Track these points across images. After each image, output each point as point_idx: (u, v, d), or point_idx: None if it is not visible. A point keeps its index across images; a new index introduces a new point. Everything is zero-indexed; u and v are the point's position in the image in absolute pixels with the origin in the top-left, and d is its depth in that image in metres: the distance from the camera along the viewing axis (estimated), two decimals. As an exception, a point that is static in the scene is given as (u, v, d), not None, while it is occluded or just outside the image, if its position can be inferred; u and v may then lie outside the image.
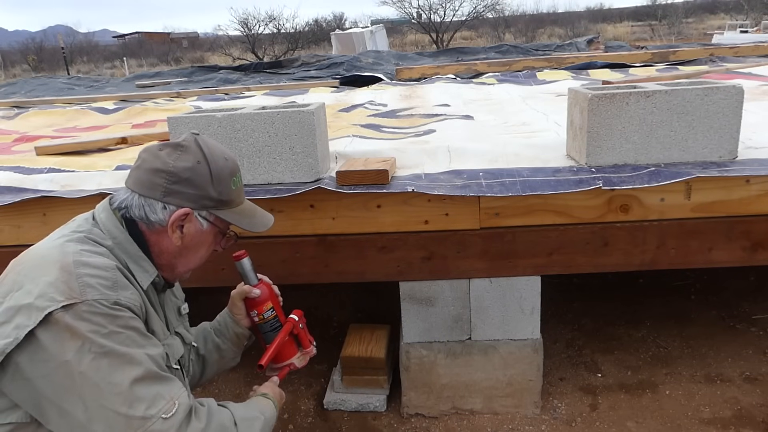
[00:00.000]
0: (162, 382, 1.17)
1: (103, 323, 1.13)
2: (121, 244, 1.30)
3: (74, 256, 1.20)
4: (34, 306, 1.12)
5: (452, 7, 32.13)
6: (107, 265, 1.22)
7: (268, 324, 1.63)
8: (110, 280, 1.19)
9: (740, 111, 2.00)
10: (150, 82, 7.32)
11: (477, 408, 2.32)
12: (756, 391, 2.37)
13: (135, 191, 1.32)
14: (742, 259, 2.08)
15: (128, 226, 1.33)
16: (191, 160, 1.32)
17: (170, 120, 2.07)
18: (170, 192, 1.31)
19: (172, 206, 1.31)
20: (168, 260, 1.37)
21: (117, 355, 1.12)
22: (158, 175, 1.30)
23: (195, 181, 1.32)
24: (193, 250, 1.39)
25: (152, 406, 1.12)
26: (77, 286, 1.14)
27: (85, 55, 39.41)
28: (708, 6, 40.26)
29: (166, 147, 1.33)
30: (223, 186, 1.36)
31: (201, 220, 1.36)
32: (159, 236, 1.34)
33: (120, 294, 1.19)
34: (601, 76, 5.06)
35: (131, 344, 1.15)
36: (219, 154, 1.37)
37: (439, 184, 2.03)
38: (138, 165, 1.34)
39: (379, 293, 3.29)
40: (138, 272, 1.31)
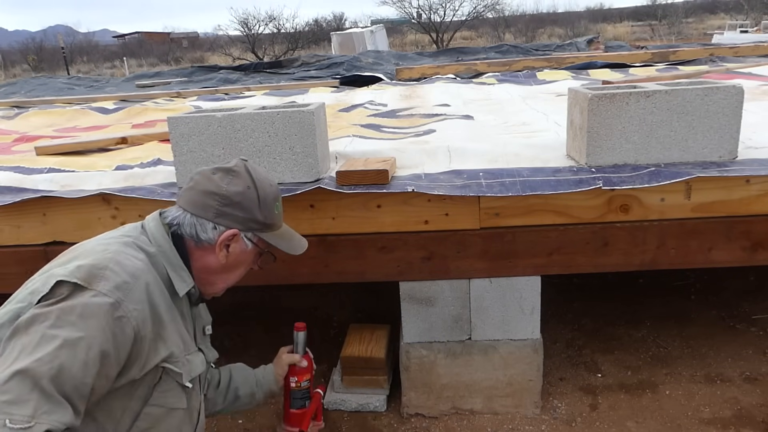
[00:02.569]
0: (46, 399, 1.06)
1: (78, 311, 1.14)
2: (164, 253, 1.38)
3: (114, 254, 1.27)
4: (53, 274, 1.20)
5: (452, 7, 32.16)
6: (137, 273, 1.26)
7: (301, 392, 1.83)
8: (129, 286, 1.23)
9: (740, 111, 2.00)
10: (150, 82, 7.32)
11: (477, 408, 2.32)
12: (756, 391, 2.37)
13: (187, 210, 1.42)
14: (742, 259, 2.08)
15: (174, 239, 1.41)
16: (242, 185, 1.43)
17: (170, 120, 2.07)
18: (221, 214, 1.41)
19: (222, 227, 1.42)
20: (208, 276, 1.47)
21: (47, 343, 1.10)
22: (211, 197, 1.41)
23: (244, 205, 1.42)
24: (234, 268, 1.49)
25: (11, 405, 1.03)
26: (97, 277, 1.19)
27: (85, 55, 39.42)
28: (708, 6, 40.25)
29: (218, 171, 1.44)
30: (268, 210, 1.47)
31: (246, 241, 1.46)
32: (204, 253, 1.43)
33: (126, 301, 1.20)
34: (601, 76, 5.06)
35: (67, 348, 1.10)
36: (265, 180, 1.49)
37: (439, 184, 2.03)
38: (191, 186, 1.45)
39: (379, 293, 3.29)
40: (177, 280, 1.38)
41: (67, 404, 1.10)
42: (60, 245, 2.18)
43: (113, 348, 1.17)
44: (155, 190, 2.11)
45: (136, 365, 1.25)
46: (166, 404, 1.36)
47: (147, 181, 2.22)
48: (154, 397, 1.32)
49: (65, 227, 2.15)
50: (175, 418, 1.39)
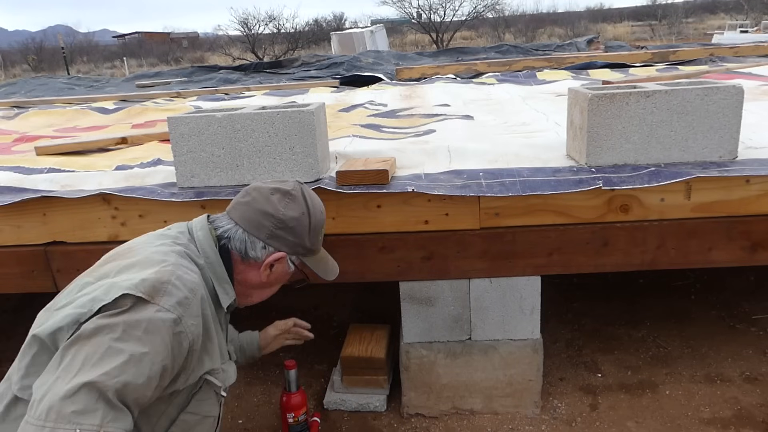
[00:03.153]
0: (111, 409, 1.10)
1: (143, 326, 1.16)
2: (212, 265, 1.42)
3: (174, 267, 1.29)
4: (117, 284, 1.22)
5: (452, 7, 32.17)
6: (195, 288, 1.29)
7: (299, 426, 1.96)
8: (189, 301, 1.25)
9: (740, 111, 2.00)
10: (150, 82, 7.32)
11: (477, 408, 2.32)
12: (756, 391, 2.37)
13: (240, 225, 1.45)
14: (742, 259, 2.08)
15: (221, 250, 1.44)
16: (298, 210, 1.48)
17: (170, 120, 2.07)
18: (274, 236, 1.46)
19: (272, 248, 1.46)
20: (246, 290, 1.51)
21: (113, 357, 1.12)
22: (267, 218, 1.45)
23: (297, 231, 1.48)
24: (271, 285, 1.55)
25: (80, 416, 1.07)
26: (160, 292, 1.22)
27: (85, 55, 39.42)
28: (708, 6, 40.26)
29: (276, 192, 1.47)
30: (315, 237, 1.54)
31: (290, 263, 1.52)
32: (248, 268, 1.47)
33: (186, 316, 1.23)
34: (601, 76, 5.06)
35: (134, 364, 1.13)
36: (318, 207, 1.55)
37: (439, 184, 2.02)
38: (247, 201, 1.47)
39: (379, 293, 3.29)
40: (221, 293, 1.43)
41: (128, 412, 1.15)
42: (60, 245, 2.18)
43: (171, 362, 1.21)
44: (155, 190, 2.11)
45: (182, 376, 1.29)
46: (201, 412, 1.40)
47: (147, 181, 2.22)
48: (191, 405, 1.36)
49: (65, 227, 2.15)
50: (206, 425, 1.44)
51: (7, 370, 1.34)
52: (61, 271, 2.18)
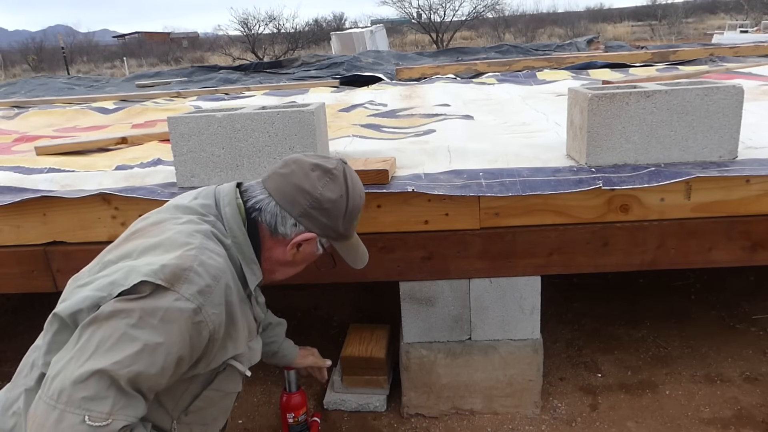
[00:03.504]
0: (122, 396, 1.10)
1: (160, 315, 1.14)
2: (239, 246, 1.36)
3: (198, 251, 1.23)
4: (137, 269, 1.18)
5: (452, 7, 32.18)
6: (218, 275, 1.24)
7: (299, 426, 1.95)
8: (211, 289, 1.21)
9: (740, 111, 2.00)
10: (150, 82, 7.32)
11: (477, 408, 2.32)
12: (756, 391, 2.37)
13: (273, 197, 1.38)
14: (742, 259, 2.08)
15: (249, 224, 1.38)
16: (337, 192, 1.39)
17: (170, 120, 2.07)
18: (307, 215, 1.38)
19: (302, 227, 1.39)
20: (272, 266, 1.45)
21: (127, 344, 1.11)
22: (303, 195, 1.37)
23: (332, 213, 1.40)
24: (297, 265, 1.49)
25: (90, 402, 1.07)
26: (181, 279, 1.17)
27: (85, 55, 39.43)
28: (708, 6, 40.26)
29: (317, 169, 1.39)
30: (349, 223, 1.46)
31: (318, 246, 1.46)
32: (275, 244, 1.41)
33: (206, 305, 1.19)
34: (601, 76, 5.06)
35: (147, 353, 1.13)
36: (358, 191, 1.46)
37: (439, 184, 2.02)
38: (285, 173, 1.39)
39: (379, 293, 3.29)
40: (248, 274, 1.38)
41: (141, 398, 1.14)
42: (60, 245, 2.18)
43: (189, 352, 1.19)
44: (155, 190, 2.11)
45: (203, 362, 1.27)
46: (225, 389, 1.40)
47: (147, 181, 2.22)
48: (214, 383, 1.36)
49: (65, 227, 2.15)
50: (229, 399, 1.45)
51: (7, 370, 1.34)
52: (61, 271, 2.18)
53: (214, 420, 1.43)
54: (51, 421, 1.05)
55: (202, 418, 1.38)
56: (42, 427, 1.05)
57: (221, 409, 1.43)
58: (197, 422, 1.37)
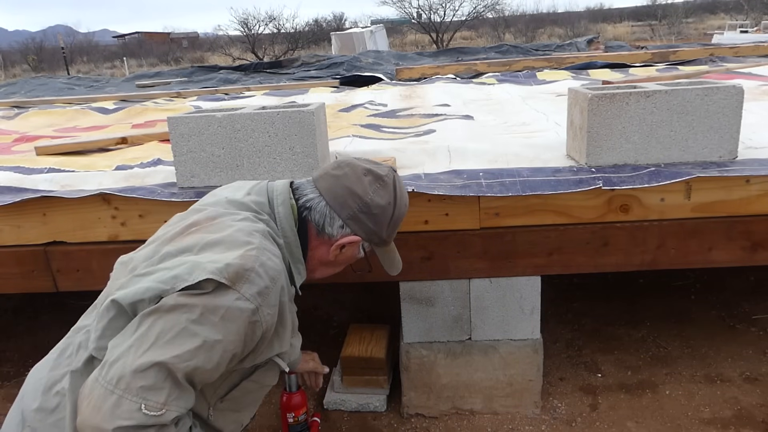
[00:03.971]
0: (176, 388, 1.14)
1: (221, 313, 1.16)
2: (290, 246, 1.39)
3: (259, 252, 1.25)
4: (201, 266, 1.19)
5: (452, 7, 32.18)
6: (276, 276, 1.26)
7: (299, 426, 1.94)
8: (269, 290, 1.24)
9: (740, 111, 2.00)
10: (150, 82, 7.32)
11: (477, 408, 2.33)
12: (756, 391, 2.37)
13: (324, 197, 1.41)
14: (742, 259, 2.08)
15: (299, 223, 1.41)
16: (386, 199, 1.43)
17: (170, 120, 2.07)
18: (355, 218, 1.41)
19: (348, 230, 1.42)
20: (314, 265, 1.49)
21: (187, 339, 1.14)
22: (354, 198, 1.40)
23: (378, 219, 1.43)
24: (336, 266, 1.52)
25: (147, 391, 1.10)
26: (243, 279, 1.20)
27: (85, 55, 39.43)
28: (708, 6, 40.27)
29: (369, 174, 1.43)
30: (392, 230, 1.50)
31: (360, 250, 1.50)
32: (320, 244, 1.44)
33: (263, 307, 1.22)
34: (601, 76, 5.06)
35: (206, 350, 1.15)
36: (404, 200, 1.50)
37: (439, 184, 2.02)
38: (337, 175, 1.42)
39: (379, 293, 3.29)
40: (295, 273, 1.42)
41: (192, 390, 1.17)
42: (60, 245, 2.18)
43: (242, 349, 1.23)
44: (155, 190, 2.11)
45: (249, 358, 1.31)
46: (262, 382, 1.44)
47: (147, 181, 2.22)
48: (254, 376, 1.40)
49: (65, 227, 2.15)
50: (264, 391, 1.48)
51: (7, 370, 1.34)
52: (61, 271, 2.18)
53: (247, 406, 1.47)
54: (108, 405, 1.08)
55: (235, 405, 1.41)
56: (99, 409, 1.08)
57: (255, 397, 1.47)
58: (230, 408, 1.40)
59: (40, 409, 1.23)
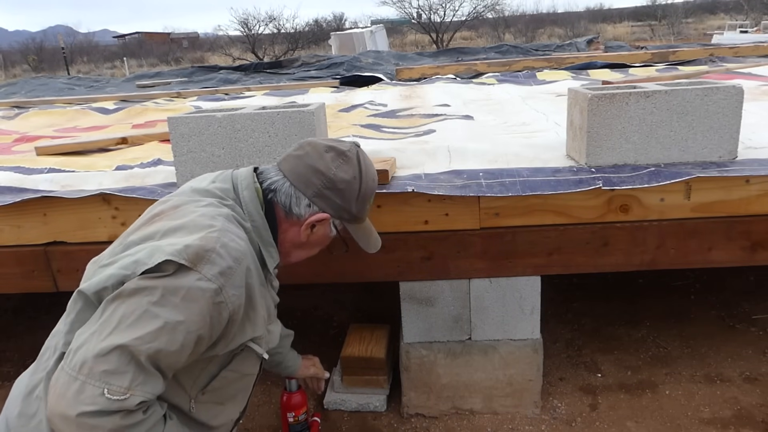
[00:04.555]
0: (141, 372, 1.12)
1: (182, 293, 1.16)
2: (258, 229, 1.38)
3: (220, 234, 1.25)
4: (160, 248, 1.20)
5: (452, 7, 32.19)
6: (240, 257, 1.26)
7: (299, 425, 1.95)
8: (232, 271, 1.23)
9: (740, 111, 2.00)
10: (150, 82, 7.32)
11: (477, 408, 2.33)
12: (756, 391, 2.37)
13: (288, 178, 1.40)
14: (742, 259, 2.08)
15: (266, 206, 1.40)
16: (350, 173, 1.42)
17: (170, 120, 2.07)
18: (321, 195, 1.40)
19: (316, 207, 1.41)
20: (287, 248, 1.47)
21: (148, 321, 1.13)
22: (317, 175, 1.39)
23: (345, 194, 1.42)
24: (310, 247, 1.50)
25: (110, 375, 1.09)
26: (204, 260, 1.19)
27: (85, 55, 39.43)
28: (708, 6, 40.27)
29: (331, 150, 1.42)
30: (363, 205, 1.48)
31: (332, 227, 1.47)
32: (290, 226, 1.43)
33: (227, 287, 1.21)
34: (601, 76, 5.06)
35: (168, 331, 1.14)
36: (371, 174, 1.49)
37: (439, 184, 2.03)
38: (299, 155, 1.42)
39: (379, 293, 3.30)
40: (267, 257, 1.40)
41: (160, 376, 1.16)
42: (60, 245, 2.18)
43: (208, 331, 1.21)
44: (155, 190, 2.11)
45: (221, 343, 1.29)
46: (242, 370, 1.41)
47: (147, 181, 2.22)
48: (232, 364, 1.37)
49: (65, 227, 2.16)
50: (246, 381, 1.47)
51: (7, 370, 1.34)
52: (61, 271, 2.19)
53: (231, 399, 1.45)
54: (72, 391, 1.07)
55: (217, 397, 1.40)
56: (62, 397, 1.08)
57: (238, 389, 1.45)
58: (212, 401, 1.38)
59: (21, 415, 1.23)
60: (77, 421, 1.07)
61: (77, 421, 1.07)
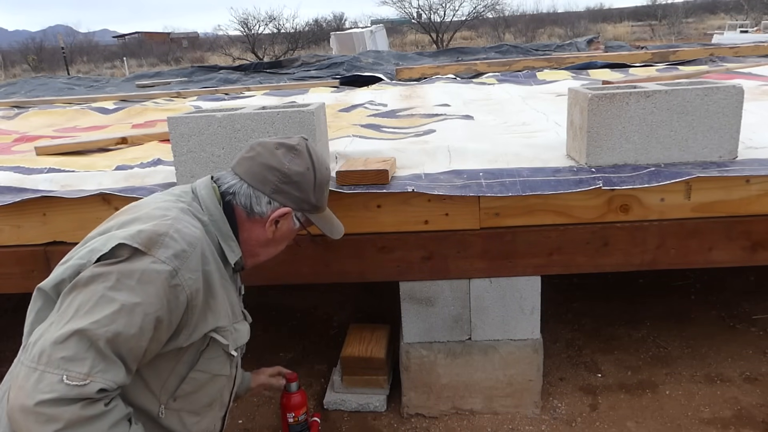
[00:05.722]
0: (101, 358, 1.11)
1: (137, 276, 1.17)
2: (216, 222, 1.40)
3: (174, 221, 1.28)
4: (114, 236, 1.22)
5: (452, 7, 32.18)
6: (194, 242, 1.28)
7: (299, 426, 1.94)
8: (186, 254, 1.24)
9: (740, 111, 2.00)
10: (150, 82, 7.32)
11: (477, 408, 2.33)
12: (756, 391, 2.37)
13: (245, 180, 1.43)
14: (742, 259, 2.08)
15: (225, 207, 1.42)
16: (303, 165, 1.45)
17: (170, 120, 2.07)
18: (279, 191, 1.43)
19: (277, 203, 1.44)
20: (252, 248, 1.48)
21: (105, 305, 1.14)
22: (272, 172, 1.42)
23: (302, 186, 1.45)
24: (278, 243, 1.53)
25: (69, 362, 1.08)
26: (157, 243, 1.21)
27: (85, 55, 39.42)
28: (708, 6, 40.27)
29: (282, 147, 1.45)
30: (321, 193, 1.51)
31: (295, 220, 1.50)
32: (254, 225, 1.45)
33: (183, 269, 1.22)
34: (601, 76, 5.06)
35: (125, 313, 1.14)
36: (324, 163, 1.52)
37: (439, 184, 2.02)
38: (251, 156, 1.45)
39: (379, 293, 3.30)
40: (227, 250, 1.41)
41: (121, 364, 1.15)
42: (60, 245, 2.18)
43: (167, 314, 1.20)
44: (155, 190, 2.11)
45: (184, 332, 1.28)
46: (211, 371, 1.39)
47: (147, 181, 2.22)
48: (200, 363, 1.36)
49: (65, 227, 2.15)
50: (217, 384, 1.44)
51: (7, 371, 1.34)
52: (61, 271, 2.18)
53: (206, 408, 1.42)
54: (31, 383, 1.07)
55: (191, 405, 1.37)
56: (22, 389, 1.07)
57: (212, 395, 1.43)
58: (186, 409, 1.36)
59: None
60: (35, 411, 1.05)
61: (35, 411, 1.05)
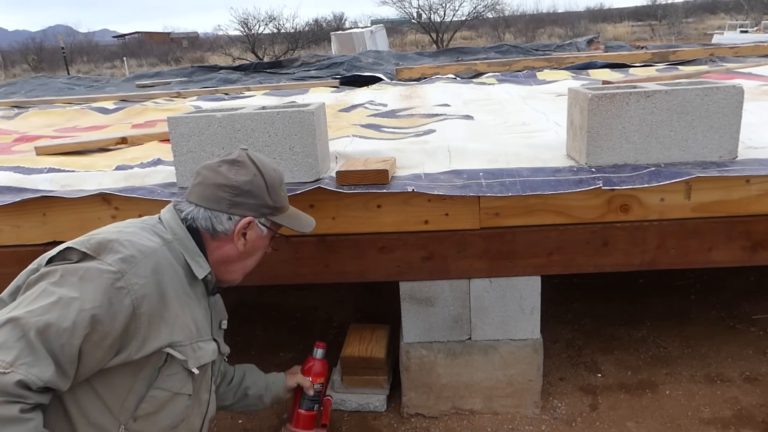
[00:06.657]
0: (30, 351, 1.10)
1: (79, 273, 1.20)
2: (181, 240, 1.42)
3: (128, 235, 1.31)
4: (66, 243, 1.28)
5: (452, 7, 32.20)
6: (146, 251, 1.30)
7: (313, 396, 1.91)
8: (135, 260, 1.26)
9: (740, 111, 2.00)
10: (150, 82, 7.32)
11: (477, 408, 2.32)
12: (756, 391, 2.37)
13: (200, 205, 1.46)
14: (742, 259, 2.08)
15: (190, 232, 1.45)
16: (249, 174, 1.48)
17: (170, 120, 2.07)
18: (234, 204, 1.46)
19: (237, 216, 1.47)
20: (227, 266, 1.52)
21: (44, 298, 1.17)
22: (222, 189, 1.46)
23: (255, 193, 1.48)
24: (251, 254, 1.55)
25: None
26: (106, 249, 1.25)
27: (85, 55, 39.43)
28: (708, 6, 40.27)
29: (223, 164, 1.49)
30: (276, 194, 1.53)
31: (261, 227, 1.52)
32: (221, 243, 1.49)
33: (129, 274, 1.23)
34: (601, 76, 5.06)
35: (61, 306, 1.15)
36: (269, 166, 1.54)
37: (439, 184, 2.02)
38: (199, 182, 1.49)
39: (379, 293, 3.29)
40: (194, 266, 1.43)
41: (51, 361, 1.13)
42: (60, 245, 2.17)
43: (107, 316, 1.19)
44: (155, 190, 2.11)
45: (134, 343, 1.24)
46: (171, 389, 1.36)
47: (147, 181, 2.22)
48: (159, 381, 1.33)
49: (65, 227, 2.15)
50: (179, 404, 1.39)
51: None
52: (61, 271, 2.18)
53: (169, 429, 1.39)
54: None
55: (152, 426, 1.34)
56: None
57: (173, 417, 1.38)
58: (147, 431, 1.34)
59: None
60: None
61: None
